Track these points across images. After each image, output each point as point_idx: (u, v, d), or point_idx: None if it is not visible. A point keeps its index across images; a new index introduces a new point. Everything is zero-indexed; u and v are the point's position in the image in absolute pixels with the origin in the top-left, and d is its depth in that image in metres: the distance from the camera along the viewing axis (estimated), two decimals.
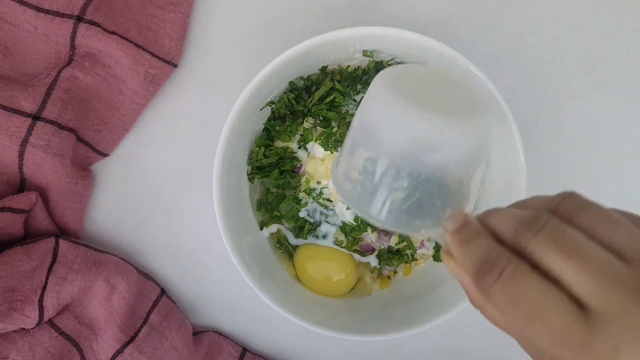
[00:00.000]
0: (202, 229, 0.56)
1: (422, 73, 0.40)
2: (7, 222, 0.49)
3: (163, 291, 0.55)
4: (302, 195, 0.50)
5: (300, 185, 0.50)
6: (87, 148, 0.53)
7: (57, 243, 0.51)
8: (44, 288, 0.49)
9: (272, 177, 0.50)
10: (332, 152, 0.48)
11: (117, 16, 0.52)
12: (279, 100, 0.50)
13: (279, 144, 0.51)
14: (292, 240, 0.52)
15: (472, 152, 0.34)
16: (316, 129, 0.49)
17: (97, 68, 0.52)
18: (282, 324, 0.56)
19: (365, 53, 0.49)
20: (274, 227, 0.53)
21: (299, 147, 0.51)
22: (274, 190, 0.52)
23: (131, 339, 0.51)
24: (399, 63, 0.49)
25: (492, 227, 0.27)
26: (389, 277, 0.53)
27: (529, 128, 0.53)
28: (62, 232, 0.54)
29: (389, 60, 0.50)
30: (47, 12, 0.50)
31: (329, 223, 0.51)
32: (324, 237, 0.51)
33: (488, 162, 0.50)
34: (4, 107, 0.49)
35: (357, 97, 0.50)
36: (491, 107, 0.45)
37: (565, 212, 0.25)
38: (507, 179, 0.47)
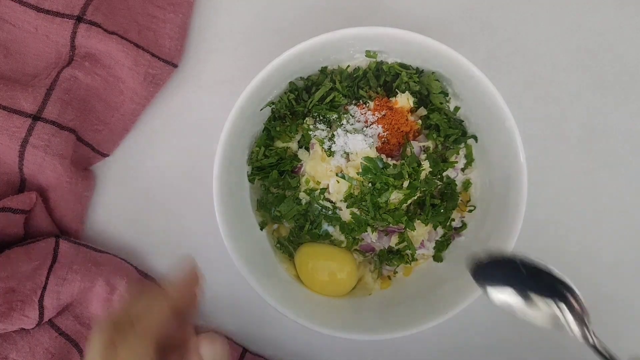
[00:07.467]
0: (202, 229, 0.56)
1: None
2: (7, 222, 0.49)
3: None
4: (302, 195, 0.50)
5: (300, 185, 0.50)
6: (87, 148, 0.53)
7: (57, 243, 0.51)
8: (44, 288, 0.49)
9: (271, 178, 0.50)
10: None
11: (117, 16, 0.52)
12: (279, 101, 0.50)
13: (279, 144, 0.51)
14: (292, 240, 0.52)
15: None
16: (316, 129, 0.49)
17: (97, 68, 0.52)
18: (282, 324, 0.56)
19: (368, 54, 0.49)
20: (274, 227, 0.53)
21: (300, 147, 0.51)
22: (274, 190, 0.52)
23: None
24: (400, 63, 0.49)
25: None
26: (389, 277, 0.53)
27: (529, 128, 0.53)
28: (62, 232, 0.54)
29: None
30: (47, 12, 0.50)
31: (329, 223, 0.51)
32: (324, 237, 0.51)
33: (488, 162, 0.50)
34: (4, 107, 0.49)
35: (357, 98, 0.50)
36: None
37: None
38: (507, 179, 0.47)
